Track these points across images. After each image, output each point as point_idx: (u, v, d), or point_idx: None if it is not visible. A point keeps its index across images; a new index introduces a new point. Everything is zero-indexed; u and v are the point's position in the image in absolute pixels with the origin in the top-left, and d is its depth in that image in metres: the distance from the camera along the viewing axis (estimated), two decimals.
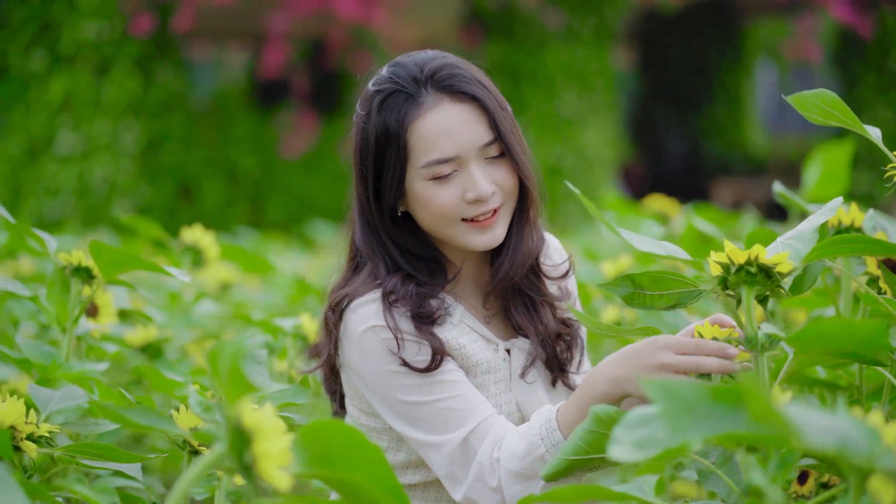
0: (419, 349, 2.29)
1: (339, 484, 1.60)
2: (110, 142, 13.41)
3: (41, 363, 2.48)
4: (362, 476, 1.59)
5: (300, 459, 1.56)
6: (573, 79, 14.62)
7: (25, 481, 1.86)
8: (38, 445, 2.11)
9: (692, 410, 1.40)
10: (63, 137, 13.38)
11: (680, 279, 2.03)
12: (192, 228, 3.55)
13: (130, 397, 2.21)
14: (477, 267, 2.47)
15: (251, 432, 1.51)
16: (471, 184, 2.31)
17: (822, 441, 1.26)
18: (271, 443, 1.49)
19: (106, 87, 13.48)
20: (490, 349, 2.40)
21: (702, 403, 1.40)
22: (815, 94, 2.17)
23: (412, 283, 2.35)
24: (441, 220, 2.34)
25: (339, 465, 1.58)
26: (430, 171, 2.31)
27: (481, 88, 2.34)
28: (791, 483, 1.99)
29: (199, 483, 2.01)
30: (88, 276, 2.53)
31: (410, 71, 2.34)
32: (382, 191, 2.36)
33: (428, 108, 2.31)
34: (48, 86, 13.42)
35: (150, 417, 1.75)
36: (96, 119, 13.41)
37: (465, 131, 2.31)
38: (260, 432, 1.50)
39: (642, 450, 1.41)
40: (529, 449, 2.17)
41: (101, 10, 13.40)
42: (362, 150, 2.37)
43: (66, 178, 13.31)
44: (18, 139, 13.67)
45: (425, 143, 2.31)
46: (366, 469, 1.59)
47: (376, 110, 2.34)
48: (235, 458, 1.54)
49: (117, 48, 13.51)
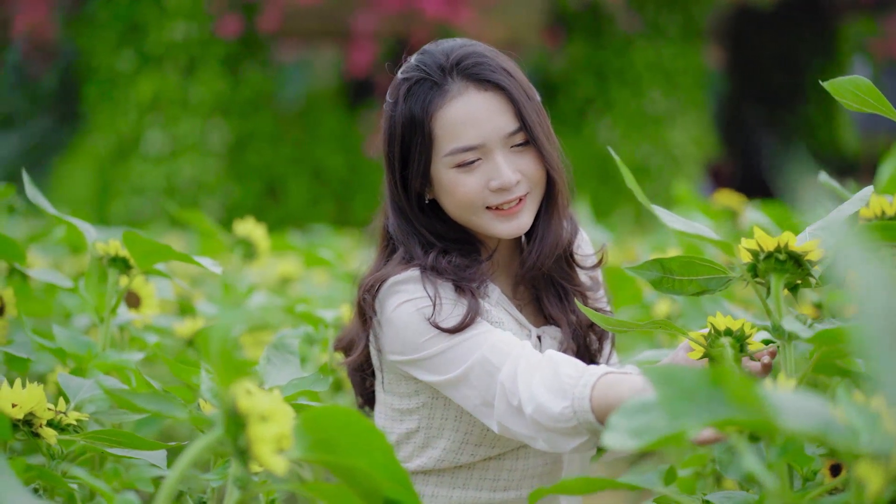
0: (454, 308, 2.27)
1: (341, 469, 1.58)
2: (197, 141, 13.53)
3: (76, 353, 2.49)
4: (365, 462, 1.57)
5: (302, 444, 1.55)
6: (660, 77, 14.54)
7: (36, 467, 1.87)
8: (65, 433, 2.11)
9: (692, 396, 1.36)
10: (151, 137, 13.52)
11: (710, 265, 2.00)
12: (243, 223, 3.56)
13: (157, 385, 2.21)
14: (508, 254, 2.46)
15: (245, 416, 1.50)
16: (495, 172, 2.30)
17: (802, 424, 1.22)
18: (266, 426, 1.48)
19: (193, 87, 13.61)
20: (522, 334, 2.39)
21: (702, 389, 1.37)
22: (850, 81, 2.16)
23: (453, 255, 2.34)
24: (466, 209, 2.33)
25: (342, 450, 1.56)
26: (454, 159, 2.30)
27: (507, 77, 2.33)
28: (819, 474, 1.94)
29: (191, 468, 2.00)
30: (125, 266, 2.53)
31: (437, 59, 2.33)
32: (409, 178, 2.35)
33: (453, 97, 2.31)
34: (136, 86, 13.57)
35: (157, 403, 1.74)
36: (184, 119, 13.54)
37: (490, 120, 2.30)
38: (254, 416, 1.49)
39: (638, 437, 1.38)
40: (563, 414, 2.06)
41: (188, 11, 13.52)
42: (390, 138, 2.37)
43: (154, 178, 13.45)
44: (105, 138, 13.84)
45: (450, 132, 2.30)
46: (369, 455, 1.57)
47: (403, 98, 2.34)
48: (231, 442, 1.53)
49: (205, 48, 13.63)
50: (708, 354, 2.08)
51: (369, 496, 1.61)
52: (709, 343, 2.07)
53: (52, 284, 2.76)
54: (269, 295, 4.00)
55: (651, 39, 14.58)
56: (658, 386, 1.38)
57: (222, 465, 2.00)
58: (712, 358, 2.08)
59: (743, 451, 1.36)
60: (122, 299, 2.82)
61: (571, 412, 2.07)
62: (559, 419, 2.07)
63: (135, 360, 2.49)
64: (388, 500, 1.61)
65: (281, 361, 2.27)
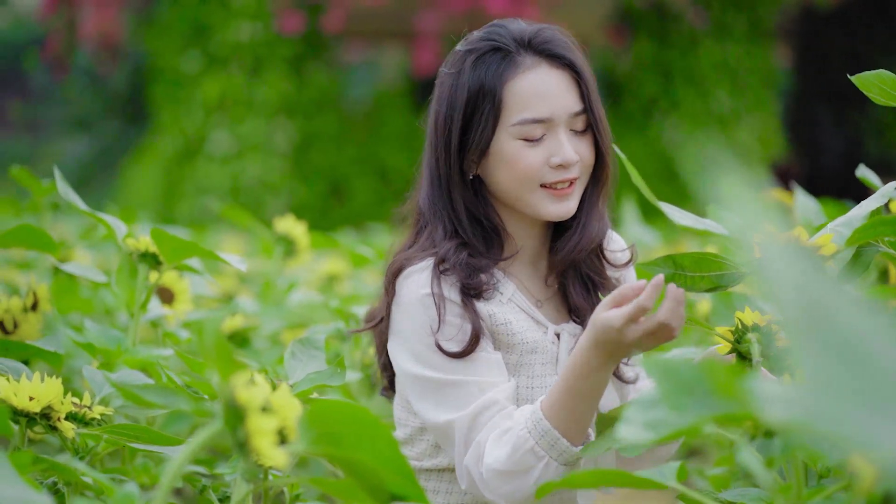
0: (458, 330, 2.27)
1: (346, 463, 1.58)
2: (263, 141, 13.60)
3: (106, 348, 2.51)
4: (370, 456, 1.57)
5: (306, 438, 1.55)
6: (726, 76, 14.46)
7: (47, 460, 1.88)
8: (89, 427, 2.13)
9: (691, 391, 1.35)
10: (216, 137, 13.61)
11: (722, 261, 1.98)
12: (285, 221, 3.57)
13: (179, 381, 2.22)
14: (537, 246, 2.45)
15: (244, 408, 1.50)
16: (557, 148, 2.31)
17: (780, 416, 1.20)
18: (265, 419, 1.48)
19: (258, 88, 13.68)
20: (539, 331, 2.38)
21: (701, 384, 1.35)
22: (876, 75, 2.15)
23: (465, 252, 2.34)
24: (522, 183, 2.33)
25: (346, 444, 1.56)
26: (521, 130, 2.30)
27: (578, 59, 2.36)
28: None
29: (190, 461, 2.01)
30: (155, 261, 2.55)
31: (511, 32, 2.35)
32: (467, 146, 2.35)
33: (526, 68, 2.31)
34: (202, 86, 13.66)
35: (165, 397, 1.75)
36: (249, 119, 13.62)
37: (560, 96, 2.32)
38: (253, 408, 1.49)
39: (653, 430, 1.37)
40: (517, 444, 2.15)
41: (253, 11, 13.60)
42: (449, 106, 2.35)
43: (220, 178, 13.53)
44: (172, 139, 13.95)
45: (521, 102, 2.30)
46: (374, 449, 1.57)
47: (470, 67, 2.33)
48: (231, 435, 1.53)
49: (270, 49, 13.70)
50: (735, 350, 2.07)
51: (374, 491, 1.60)
52: (735, 339, 2.06)
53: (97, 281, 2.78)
54: (314, 293, 4.01)
55: (717, 38, 14.49)
56: (658, 380, 1.37)
57: (236, 458, 2.00)
58: (740, 354, 2.07)
59: (740, 447, 1.34)
60: (156, 295, 2.84)
61: (526, 432, 2.13)
62: (514, 451, 2.14)
63: (164, 356, 2.51)
64: (394, 495, 1.61)
65: (306, 357, 2.28)
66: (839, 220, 1.98)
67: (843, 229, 1.95)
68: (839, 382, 0.80)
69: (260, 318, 3.41)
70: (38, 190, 3.39)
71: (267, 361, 3.00)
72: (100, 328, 2.56)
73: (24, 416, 2.03)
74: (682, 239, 5.75)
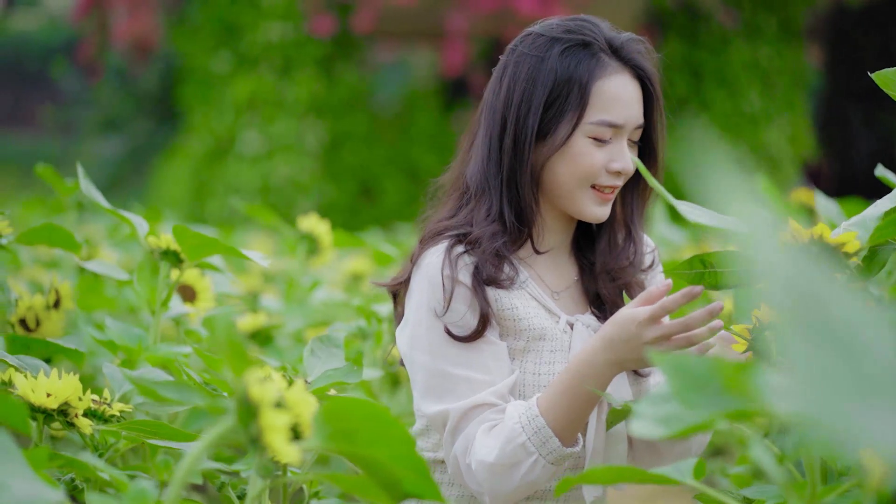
0: (461, 317, 2.28)
1: (361, 460, 1.58)
2: (293, 142, 13.61)
3: (128, 345, 2.52)
4: (385, 453, 1.57)
5: (321, 434, 1.55)
6: (756, 77, 14.39)
7: (63, 456, 1.89)
8: (108, 424, 2.14)
9: (703, 386, 1.35)
10: (246, 137, 13.63)
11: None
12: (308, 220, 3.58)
13: (197, 377, 2.23)
14: (564, 241, 2.47)
15: (257, 404, 1.50)
16: (619, 155, 2.35)
17: (786, 408, 1.19)
18: (278, 415, 1.48)
19: (289, 88, 13.70)
20: (550, 319, 2.38)
21: (712, 380, 1.35)
22: (895, 72, 2.14)
23: (500, 241, 2.34)
24: (579, 180, 2.35)
25: (361, 441, 1.56)
26: (595, 130, 2.33)
27: (656, 76, 2.41)
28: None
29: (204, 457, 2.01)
30: (176, 259, 2.56)
31: (605, 33, 2.38)
32: (542, 133, 2.36)
33: (613, 71, 2.35)
34: (232, 86, 13.69)
35: (182, 393, 1.76)
36: (279, 119, 13.63)
37: (633, 106, 2.37)
38: (265, 404, 1.49)
39: (666, 426, 1.36)
40: (510, 437, 2.17)
41: (283, 12, 13.62)
42: (529, 88, 2.35)
43: (250, 178, 13.55)
44: (202, 139, 13.98)
45: (603, 103, 2.34)
46: (389, 446, 1.57)
47: (558, 55, 2.34)
48: (243, 430, 1.53)
49: (300, 49, 13.71)
50: (752, 347, 2.06)
51: (389, 487, 1.61)
52: (753, 336, 2.05)
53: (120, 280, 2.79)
54: (338, 291, 4.02)
55: (748, 39, 14.44)
56: (670, 376, 1.36)
57: (251, 454, 2.01)
58: (757, 351, 2.06)
59: (753, 443, 1.34)
60: (178, 293, 2.85)
61: (520, 427, 2.17)
62: (506, 443, 2.18)
63: (184, 353, 2.52)
64: (409, 492, 1.61)
65: (326, 355, 2.28)
66: (853, 219, 1.98)
67: (857, 228, 1.94)
68: (832, 375, 0.80)
69: (283, 317, 3.41)
70: (63, 189, 3.40)
71: (289, 360, 3.01)
72: (121, 326, 2.57)
73: (41, 413, 2.04)
74: (709, 238, 5.72)
